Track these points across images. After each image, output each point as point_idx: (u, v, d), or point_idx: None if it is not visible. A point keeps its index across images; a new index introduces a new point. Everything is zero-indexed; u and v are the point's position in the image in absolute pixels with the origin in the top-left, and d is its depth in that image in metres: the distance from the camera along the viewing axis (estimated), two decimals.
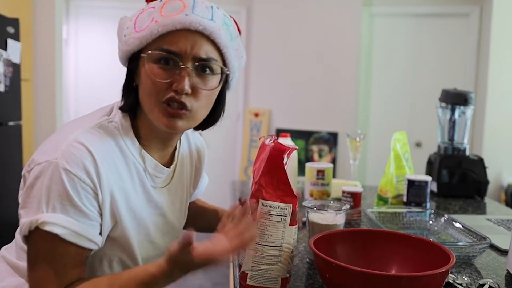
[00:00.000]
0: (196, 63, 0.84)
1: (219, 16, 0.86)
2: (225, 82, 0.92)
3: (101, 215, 0.83)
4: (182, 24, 0.82)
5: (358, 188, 1.49)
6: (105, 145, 0.84)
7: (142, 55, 0.85)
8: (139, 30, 0.84)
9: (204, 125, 0.97)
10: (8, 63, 2.67)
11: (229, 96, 0.97)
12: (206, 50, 0.84)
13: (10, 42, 2.67)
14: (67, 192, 0.77)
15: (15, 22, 2.76)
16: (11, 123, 2.76)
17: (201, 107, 0.88)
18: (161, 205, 0.96)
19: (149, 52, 0.84)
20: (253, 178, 0.95)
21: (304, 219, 1.43)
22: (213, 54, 0.86)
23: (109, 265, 0.91)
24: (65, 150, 0.78)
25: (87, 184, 0.79)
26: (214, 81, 0.88)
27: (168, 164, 0.98)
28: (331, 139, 4.11)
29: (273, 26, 4.13)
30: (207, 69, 0.86)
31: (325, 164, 1.65)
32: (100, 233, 0.83)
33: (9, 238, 0.99)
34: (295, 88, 4.14)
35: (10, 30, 2.69)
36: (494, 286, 0.98)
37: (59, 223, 0.76)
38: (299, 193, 1.81)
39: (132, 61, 0.88)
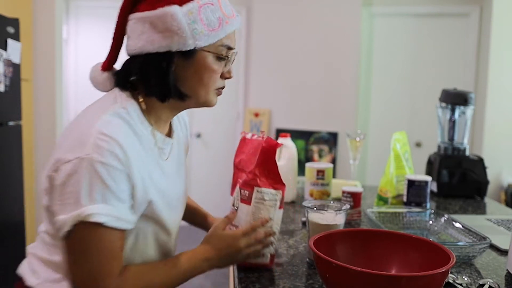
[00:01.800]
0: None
1: None
2: None
3: (133, 197, 0.87)
4: (238, 26, 0.98)
5: (358, 188, 1.49)
6: (125, 132, 0.88)
7: (205, 51, 0.92)
8: (212, 29, 0.91)
9: None
10: (8, 63, 2.67)
11: (229, 96, 1.03)
12: None
13: (10, 42, 2.67)
14: (104, 182, 0.81)
15: (15, 22, 2.75)
16: (11, 123, 2.76)
17: None
18: (173, 176, 1.02)
19: (217, 46, 0.93)
20: (238, 168, 1.10)
21: (303, 219, 1.43)
22: None
23: (144, 239, 0.96)
24: (93, 144, 0.82)
25: (121, 170, 0.84)
26: None
27: (168, 135, 1.04)
28: (331, 139, 4.11)
29: (273, 26, 4.13)
30: None
31: (325, 164, 1.65)
32: (134, 213, 0.89)
33: (9, 238, 0.98)
34: (295, 88, 4.14)
35: (10, 30, 2.69)
36: (494, 286, 0.98)
37: (101, 212, 0.81)
38: (299, 194, 1.81)
39: (173, 53, 0.91)
